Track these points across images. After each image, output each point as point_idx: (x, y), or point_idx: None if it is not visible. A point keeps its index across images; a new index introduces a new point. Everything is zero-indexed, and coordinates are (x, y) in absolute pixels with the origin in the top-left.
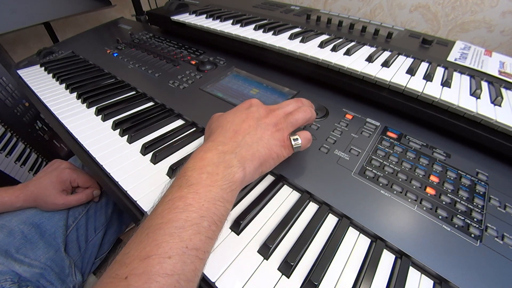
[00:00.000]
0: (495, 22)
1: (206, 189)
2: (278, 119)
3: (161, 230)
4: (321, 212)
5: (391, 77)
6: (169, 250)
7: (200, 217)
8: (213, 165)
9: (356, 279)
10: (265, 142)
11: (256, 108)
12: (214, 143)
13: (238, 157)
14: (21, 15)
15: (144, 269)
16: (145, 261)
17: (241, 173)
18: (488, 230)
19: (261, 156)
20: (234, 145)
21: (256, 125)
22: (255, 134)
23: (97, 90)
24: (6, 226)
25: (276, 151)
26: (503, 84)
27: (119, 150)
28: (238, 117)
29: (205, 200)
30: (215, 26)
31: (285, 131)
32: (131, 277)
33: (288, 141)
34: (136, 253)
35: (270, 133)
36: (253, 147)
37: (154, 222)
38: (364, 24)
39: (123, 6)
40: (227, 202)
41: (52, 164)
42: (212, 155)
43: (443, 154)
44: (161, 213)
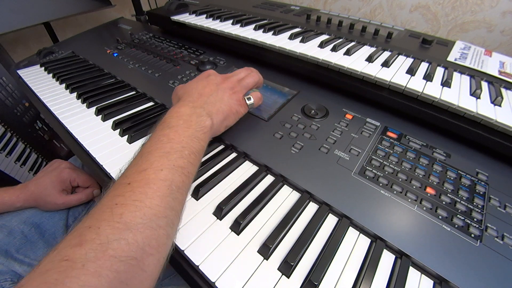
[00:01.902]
0: (495, 22)
1: (184, 129)
2: (233, 84)
3: (152, 154)
4: (321, 212)
5: (391, 77)
6: (161, 165)
7: (181, 147)
8: (187, 115)
9: (356, 279)
10: (226, 102)
11: (214, 77)
12: (185, 102)
13: (206, 110)
14: (21, 15)
15: (143, 177)
16: (143, 173)
17: (210, 121)
18: (488, 230)
19: (224, 111)
20: (201, 102)
21: (216, 89)
22: (217, 96)
23: (97, 90)
24: (6, 226)
25: (235, 108)
26: (503, 84)
27: (119, 150)
28: (200, 84)
29: (184, 136)
30: (215, 26)
31: (240, 93)
32: (133, 183)
33: (243, 101)
34: (134, 169)
35: (228, 95)
36: (216, 105)
37: (144, 150)
38: (364, 24)
39: (123, 6)
40: (201, 140)
41: (52, 164)
42: (185, 109)
43: (443, 154)
44: (149, 145)
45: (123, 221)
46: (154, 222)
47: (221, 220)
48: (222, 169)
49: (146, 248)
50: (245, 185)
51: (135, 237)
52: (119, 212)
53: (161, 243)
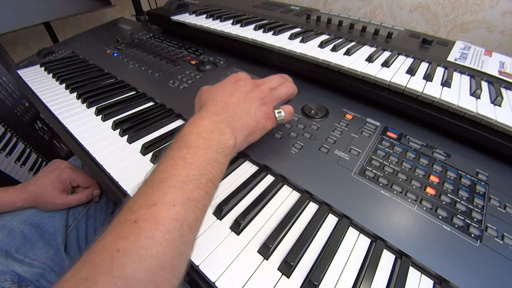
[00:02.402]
0: (495, 22)
1: (203, 151)
2: (263, 94)
3: (165, 183)
4: (321, 212)
5: (391, 77)
6: (173, 199)
7: (199, 174)
8: (208, 132)
9: (356, 279)
10: (253, 114)
11: (243, 83)
12: (208, 113)
13: (230, 126)
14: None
15: (152, 214)
16: (152, 208)
17: (233, 140)
18: (488, 230)
19: (250, 127)
20: (226, 116)
21: (244, 98)
22: (244, 107)
23: (97, 90)
24: (6, 226)
25: (262, 122)
26: (503, 84)
27: (119, 150)
28: (227, 90)
29: (203, 160)
30: (215, 26)
31: (270, 105)
32: (140, 221)
33: (272, 114)
34: (143, 202)
35: (257, 106)
36: (242, 119)
37: (157, 176)
38: (364, 24)
39: (123, 6)
40: (221, 164)
41: (52, 164)
42: (207, 123)
43: (443, 154)
44: (163, 169)
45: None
46: (159, 275)
47: (221, 220)
48: None
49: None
50: (245, 185)
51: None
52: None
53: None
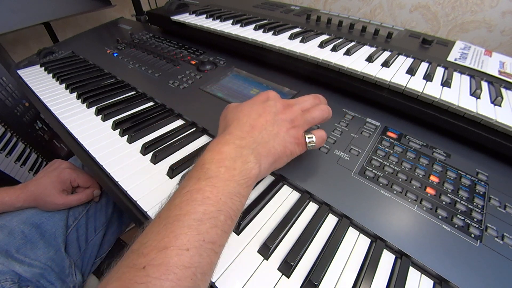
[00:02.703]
0: (495, 22)
1: (224, 183)
2: (295, 116)
3: (179, 222)
4: (321, 212)
5: (391, 77)
6: (187, 243)
7: (217, 210)
8: (231, 160)
9: (356, 279)
10: (281, 139)
11: (273, 102)
12: (232, 137)
13: (254, 153)
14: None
15: (162, 260)
16: (163, 252)
17: (257, 169)
18: (488, 230)
19: (276, 153)
20: (251, 141)
21: (273, 121)
22: (272, 130)
23: (97, 90)
24: (6, 226)
25: (290, 148)
26: (503, 84)
27: (119, 150)
28: (254, 111)
29: (223, 194)
30: (215, 26)
31: (301, 129)
32: (149, 268)
33: (302, 139)
34: (154, 244)
35: (286, 130)
36: (269, 144)
37: (172, 213)
38: (364, 24)
39: (123, 6)
40: (243, 197)
41: (52, 164)
42: (230, 149)
43: (443, 154)
44: (179, 204)
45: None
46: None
47: None
48: None
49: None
50: None
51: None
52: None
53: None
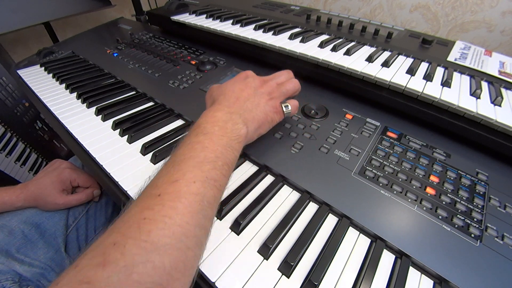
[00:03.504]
0: (495, 22)
1: (219, 138)
2: (271, 89)
3: (185, 163)
4: (321, 212)
5: (391, 77)
6: (193, 177)
7: (215, 157)
8: (223, 122)
9: (356, 279)
10: (262, 108)
11: (252, 79)
12: (221, 106)
13: (242, 117)
14: (21, 15)
15: (174, 189)
16: (174, 184)
17: (245, 130)
18: (488, 230)
19: (259, 119)
20: (238, 108)
21: (253, 94)
22: (254, 101)
23: (97, 90)
24: (6, 226)
25: (271, 116)
26: (503, 84)
27: (119, 150)
28: (237, 87)
29: (219, 145)
30: (215, 26)
31: (277, 100)
32: (163, 195)
33: (280, 108)
34: (166, 179)
35: (265, 101)
36: (253, 112)
37: (177, 158)
38: (364, 24)
39: (123, 6)
40: (235, 150)
41: (52, 164)
42: (221, 114)
43: (443, 154)
44: (182, 152)
45: (150, 240)
46: (183, 242)
47: (221, 220)
48: None
49: (173, 272)
50: (245, 185)
51: (162, 260)
52: (147, 229)
53: (189, 266)
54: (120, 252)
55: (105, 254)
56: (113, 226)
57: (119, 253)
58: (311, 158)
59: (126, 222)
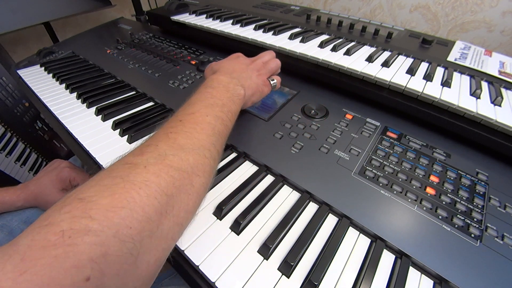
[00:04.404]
0: (495, 22)
1: (223, 92)
2: (259, 66)
3: (198, 104)
4: (321, 212)
5: (391, 77)
6: (206, 112)
7: (222, 104)
8: (225, 82)
9: (356, 279)
10: (254, 80)
11: (243, 58)
12: (223, 72)
13: (240, 82)
14: (21, 15)
15: (192, 118)
16: (191, 115)
17: (243, 91)
18: (488, 230)
19: (253, 88)
20: (235, 76)
21: (246, 69)
22: (247, 73)
23: (97, 90)
24: (6, 226)
25: (261, 87)
26: (503, 84)
27: (119, 150)
28: (232, 63)
29: (223, 97)
30: (215, 26)
31: (265, 75)
32: (184, 121)
33: (267, 82)
34: (184, 112)
35: (256, 75)
36: (247, 81)
37: (191, 101)
38: (364, 24)
39: (123, 6)
40: (236, 104)
41: (52, 164)
42: (224, 77)
43: (443, 154)
44: (195, 97)
45: (177, 143)
46: (201, 151)
47: (221, 220)
48: (222, 169)
49: (195, 169)
50: (245, 185)
51: (187, 156)
52: (174, 137)
53: (206, 171)
54: (154, 148)
55: (142, 149)
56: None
57: (153, 148)
58: (311, 158)
59: (156, 136)
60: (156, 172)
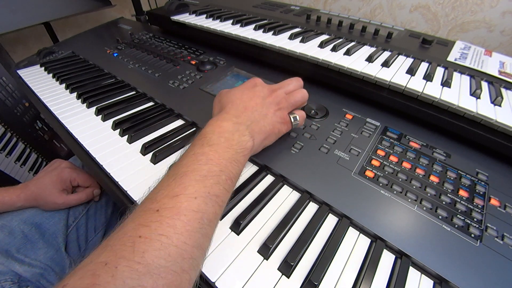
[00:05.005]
0: (495, 22)
1: (224, 150)
2: (279, 99)
3: (187, 177)
4: (321, 212)
5: (391, 77)
6: (195, 192)
7: (219, 171)
8: (229, 133)
9: (356, 279)
10: (269, 119)
11: (261, 88)
12: (229, 115)
13: (249, 129)
14: (21, 15)
15: (174, 205)
16: (174, 199)
17: (252, 142)
18: (488, 230)
19: (266, 131)
20: (245, 119)
21: (262, 104)
22: (261, 112)
23: (97, 90)
24: (6, 226)
25: (278, 127)
26: (503, 84)
27: (119, 150)
28: (245, 95)
29: (223, 158)
30: (215, 26)
31: (285, 110)
32: (162, 210)
33: (287, 119)
34: (166, 193)
35: (273, 111)
36: (260, 123)
37: (180, 170)
38: (364, 24)
39: (123, 6)
40: (240, 164)
41: (52, 164)
42: (228, 124)
43: (443, 154)
44: (186, 164)
45: (144, 262)
46: (179, 264)
47: (221, 220)
48: None
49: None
50: (245, 185)
51: (155, 284)
52: (142, 249)
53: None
54: (111, 274)
55: (95, 276)
56: (107, 241)
57: (109, 276)
58: (311, 158)
59: (120, 239)
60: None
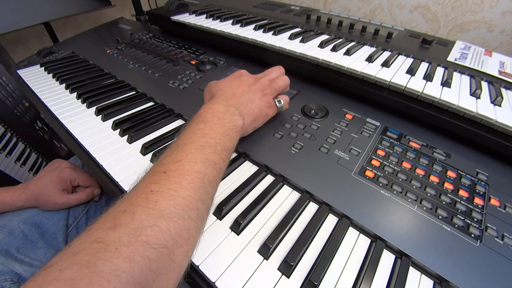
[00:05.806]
0: (495, 22)
1: (218, 126)
2: (264, 86)
3: (187, 146)
4: (321, 212)
5: (391, 77)
6: (195, 158)
7: (215, 142)
8: (221, 113)
9: (356, 279)
10: (256, 103)
11: (246, 77)
12: (219, 100)
13: (238, 110)
14: (21, 15)
15: (178, 167)
16: (178, 163)
17: (242, 121)
18: (488, 230)
19: (254, 113)
20: (234, 102)
21: (248, 90)
22: (248, 97)
23: (97, 90)
24: (6, 226)
25: (265, 110)
26: (503, 84)
27: (119, 150)
28: (233, 83)
29: (218, 133)
30: (215, 26)
31: (270, 96)
32: (168, 172)
33: (273, 103)
34: (170, 159)
35: (259, 97)
36: (248, 106)
37: (180, 142)
38: (364, 24)
39: (123, 6)
40: (233, 138)
41: (52, 164)
42: (220, 106)
43: (443, 154)
44: (185, 137)
45: (157, 208)
46: (186, 213)
47: (221, 220)
48: None
49: (177, 238)
50: (245, 185)
51: (168, 226)
52: (154, 199)
53: (191, 235)
54: (130, 217)
55: (116, 219)
56: (123, 198)
57: (129, 218)
58: (311, 158)
59: (135, 194)
60: (129, 255)
